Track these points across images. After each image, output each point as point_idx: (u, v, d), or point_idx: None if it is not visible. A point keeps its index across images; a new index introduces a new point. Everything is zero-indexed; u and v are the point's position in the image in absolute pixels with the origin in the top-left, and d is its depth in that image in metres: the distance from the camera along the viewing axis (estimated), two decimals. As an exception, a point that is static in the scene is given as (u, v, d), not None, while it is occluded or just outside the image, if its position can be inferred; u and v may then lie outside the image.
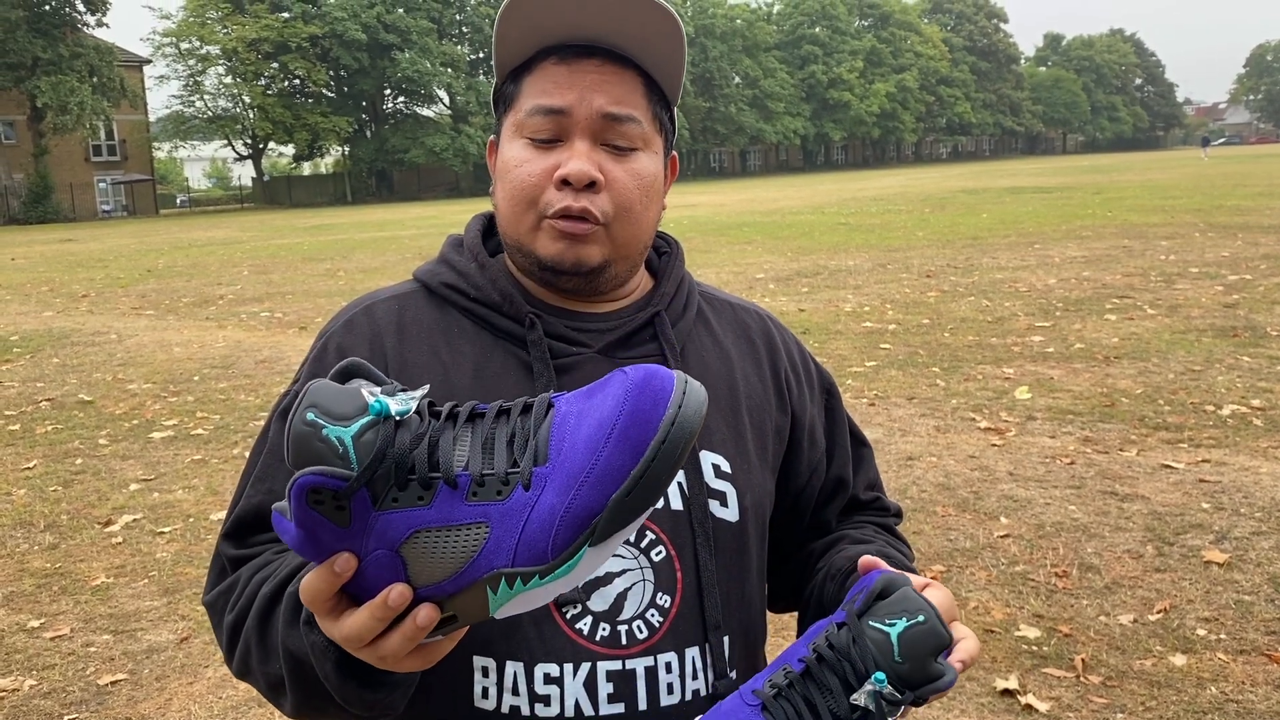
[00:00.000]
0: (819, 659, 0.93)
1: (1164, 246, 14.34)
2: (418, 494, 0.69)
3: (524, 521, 0.68)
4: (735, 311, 1.25)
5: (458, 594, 0.71)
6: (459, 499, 0.69)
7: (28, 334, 11.26)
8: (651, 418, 0.68)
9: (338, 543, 0.70)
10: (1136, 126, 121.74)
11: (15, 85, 46.93)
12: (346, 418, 0.68)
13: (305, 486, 0.67)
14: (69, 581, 4.39)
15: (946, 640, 0.92)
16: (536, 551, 0.68)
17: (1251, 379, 6.82)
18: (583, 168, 1.02)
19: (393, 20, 59.98)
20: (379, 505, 0.69)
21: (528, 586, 0.69)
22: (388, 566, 0.70)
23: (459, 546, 0.69)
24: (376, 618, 0.73)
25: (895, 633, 0.91)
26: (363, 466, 0.67)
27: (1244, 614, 3.62)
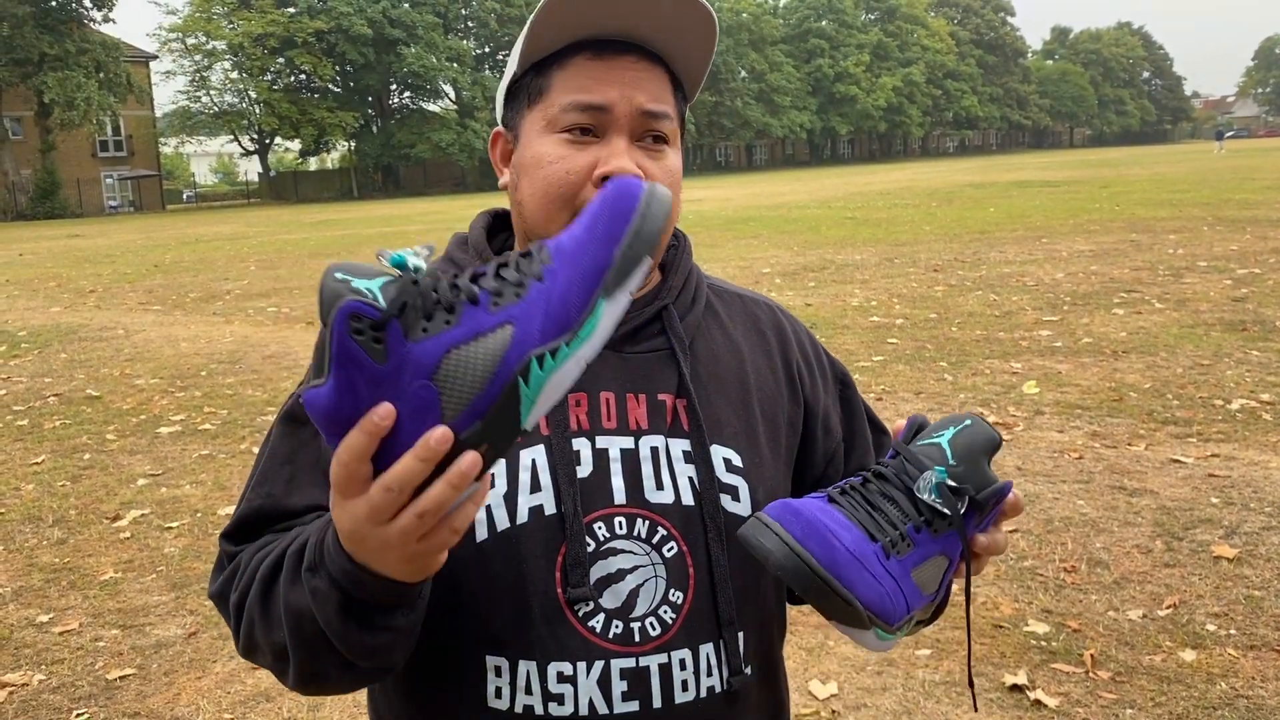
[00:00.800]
0: (878, 475, 0.93)
1: (1172, 240, 14.29)
2: (444, 318, 0.73)
3: (546, 303, 0.74)
4: (745, 304, 1.24)
5: (490, 411, 0.73)
6: (483, 311, 0.74)
7: (35, 329, 11.28)
8: (631, 193, 0.76)
9: (371, 392, 0.72)
10: (1144, 120, 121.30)
11: (22, 81, 47.01)
12: (371, 275, 0.73)
13: (346, 311, 0.71)
14: (77, 576, 4.41)
15: (997, 439, 0.93)
16: (562, 321, 0.74)
17: (1261, 373, 6.79)
18: (626, 165, 1.02)
19: (398, 15, 59.95)
20: (411, 335, 0.72)
21: (558, 360, 0.73)
22: (423, 406, 0.73)
23: (490, 350, 0.73)
24: (421, 458, 0.72)
25: (945, 439, 0.92)
26: (395, 300, 0.72)
27: (1254, 609, 3.60)
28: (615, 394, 1.07)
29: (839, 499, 0.92)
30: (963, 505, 0.90)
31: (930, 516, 0.90)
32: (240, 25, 56.48)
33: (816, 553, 0.87)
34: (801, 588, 0.87)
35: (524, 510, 1.01)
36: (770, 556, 0.88)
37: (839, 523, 0.89)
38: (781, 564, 0.87)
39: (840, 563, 0.87)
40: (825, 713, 3.12)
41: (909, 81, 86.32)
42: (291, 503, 1.05)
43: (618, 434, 1.05)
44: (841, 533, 0.88)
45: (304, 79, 61.47)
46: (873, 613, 0.88)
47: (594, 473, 1.04)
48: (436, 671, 1.04)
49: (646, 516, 1.04)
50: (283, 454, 1.08)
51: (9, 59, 46.08)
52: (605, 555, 1.02)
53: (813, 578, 0.87)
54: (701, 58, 1.08)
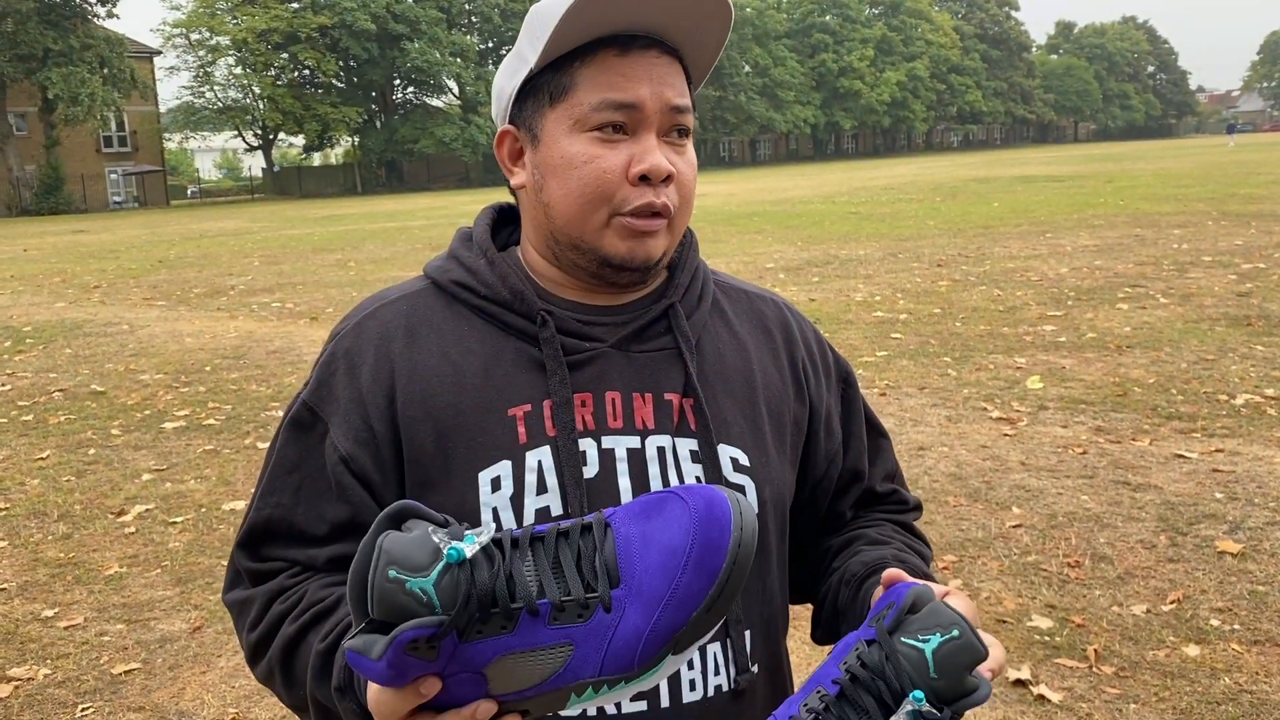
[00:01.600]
0: (853, 679, 0.92)
1: (1176, 235, 14.26)
2: (501, 624, 0.75)
3: (609, 640, 0.75)
4: (752, 301, 1.23)
5: (536, 698, 0.77)
6: (541, 624, 0.75)
7: (40, 325, 11.30)
8: (719, 545, 0.76)
9: (423, 670, 0.75)
10: (1149, 115, 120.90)
11: (26, 77, 47.03)
12: (424, 568, 0.73)
13: (404, 641, 0.72)
14: (82, 571, 4.42)
15: (982, 654, 0.91)
16: (622, 663, 0.76)
17: (1265, 368, 6.78)
18: (662, 163, 1.01)
19: (402, 10, 59.88)
20: (465, 638, 0.75)
21: (613, 690, 0.77)
22: (470, 683, 0.76)
23: (544, 664, 0.76)
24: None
25: (930, 649, 0.90)
26: (451, 610, 0.73)
27: (1258, 604, 3.60)
28: (621, 393, 1.06)
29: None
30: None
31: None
32: (244, 20, 56.42)
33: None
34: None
35: (530, 512, 1.01)
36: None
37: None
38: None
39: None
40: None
41: (913, 76, 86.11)
42: (300, 517, 1.06)
43: (624, 434, 1.05)
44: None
45: (308, 74, 61.41)
46: None
47: (600, 473, 1.03)
48: None
49: None
50: (290, 461, 1.08)
51: (13, 54, 46.09)
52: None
53: None
54: (715, 49, 1.08)
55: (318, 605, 1.00)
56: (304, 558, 1.06)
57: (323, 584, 1.03)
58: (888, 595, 0.97)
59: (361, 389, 1.06)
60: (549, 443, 1.03)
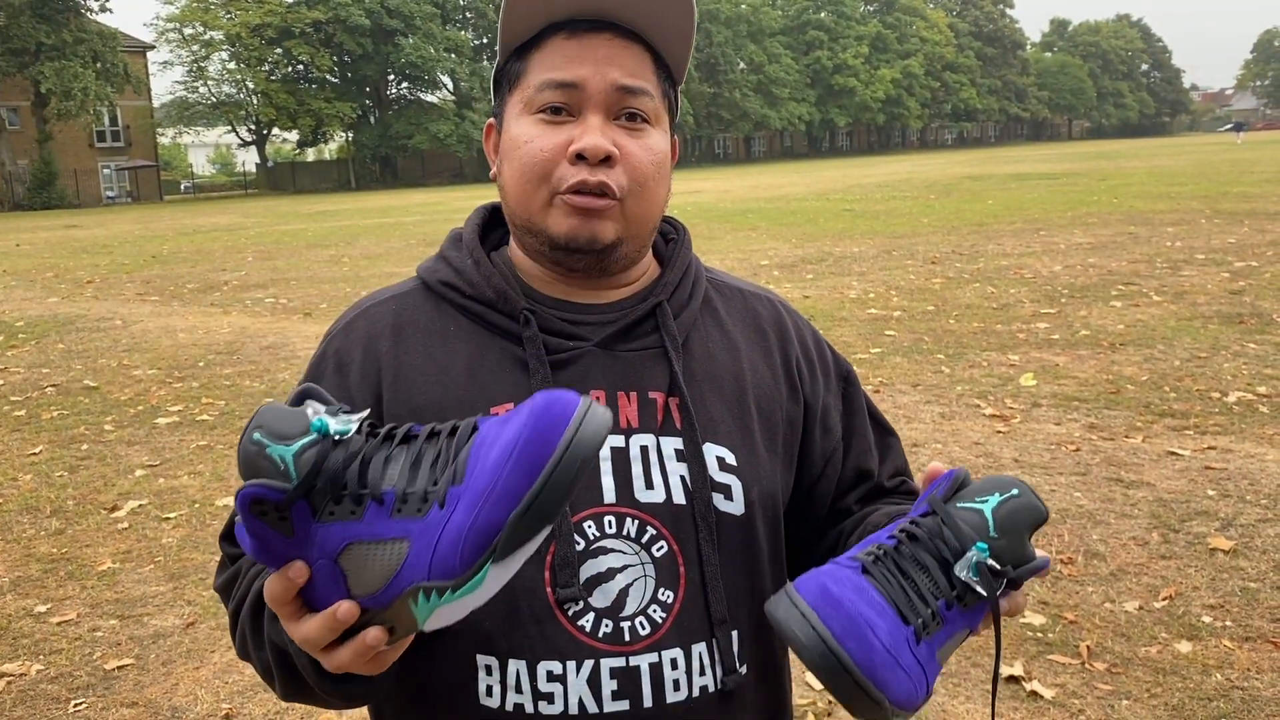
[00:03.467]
0: (911, 537, 0.88)
1: (1170, 233, 14.29)
2: (350, 508, 0.74)
3: (438, 538, 0.73)
4: (746, 299, 1.22)
5: (390, 605, 0.76)
6: (385, 514, 0.74)
7: (33, 320, 11.27)
8: (550, 439, 0.71)
9: (288, 551, 0.76)
10: (1143, 113, 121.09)
11: (19, 71, 46.88)
12: (289, 437, 0.74)
13: (248, 497, 0.73)
14: (75, 567, 4.41)
15: (1044, 514, 0.88)
16: (448, 566, 0.72)
17: (1258, 365, 6.80)
18: (598, 141, 1.01)
19: (396, 5, 59.78)
20: (318, 517, 0.74)
21: (443, 600, 0.73)
22: (331, 576, 0.76)
23: (385, 560, 0.74)
24: (328, 628, 0.77)
25: (989, 508, 0.87)
26: (299, 479, 0.73)
27: (1250, 601, 3.61)
28: (606, 392, 1.06)
29: (872, 569, 0.86)
30: (1000, 587, 0.86)
31: (963, 592, 0.86)
32: (237, 15, 56.30)
33: (854, 653, 0.82)
34: (834, 687, 0.83)
35: None
36: (804, 652, 0.83)
37: (875, 606, 0.84)
38: (816, 662, 0.82)
39: (877, 664, 0.82)
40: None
41: (907, 73, 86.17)
42: None
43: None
44: (877, 621, 0.84)
45: (302, 69, 61.33)
46: (899, 707, 0.84)
47: None
48: (430, 669, 1.05)
49: (636, 516, 1.02)
50: None
51: (5, 49, 45.94)
52: (595, 554, 1.01)
53: (847, 680, 0.82)
54: (681, 34, 1.07)
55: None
56: None
57: None
58: (933, 485, 0.93)
59: (350, 387, 1.07)
60: None
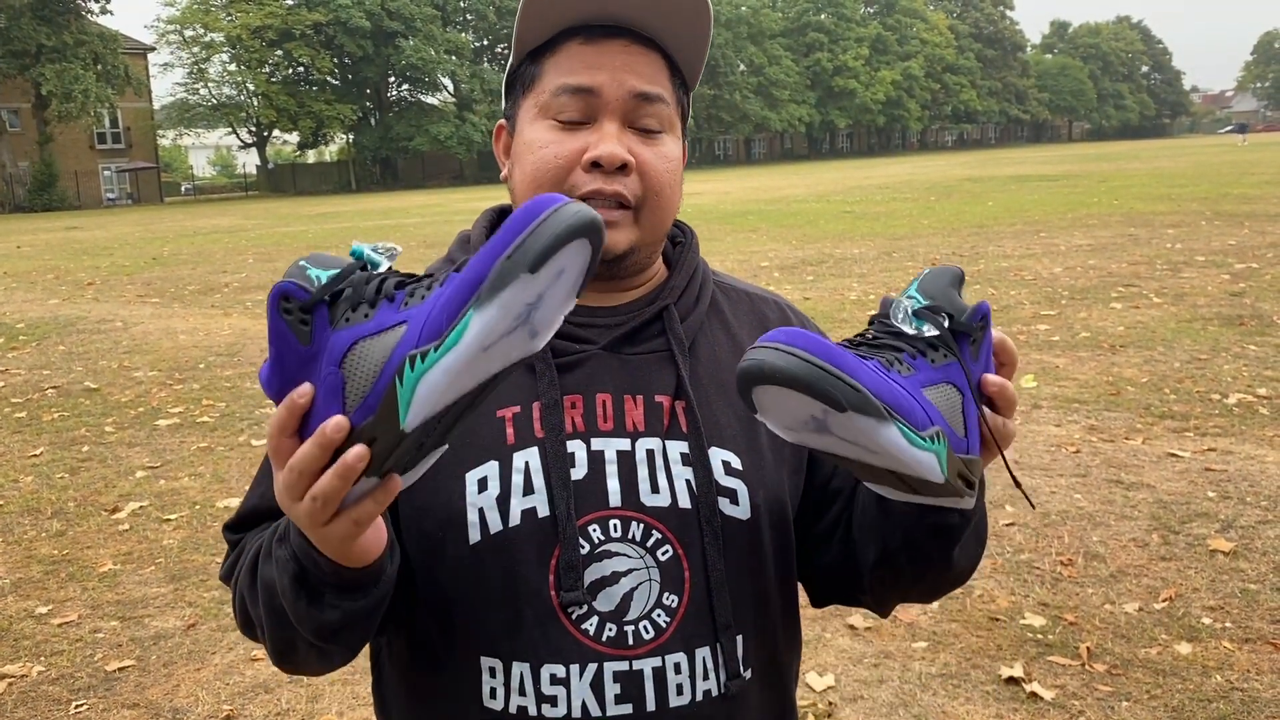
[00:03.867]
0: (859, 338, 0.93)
1: (1170, 235, 14.29)
2: (365, 312, 0.77)
3: (432, 307, 0.75)
4: (753, 302, 1.22)
5: (378, 406, 0.75)
6: (394, 309, 0.77)
7: (34, 321, 11.28)
8: (539, 206, 0.74)
9: (299, 369, 0.77)
10: (1143, 114, 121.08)
11: (20, 73, 46.86)
12: (330, 266, 0.78)
13: (279, 292, 0.76)
14: (76, 568, 4.41)
15: (959, 272, 0.93)
16: (435, 326, 0.74)
17: (1258, 367, 6.81)
18: (615, 149, 1.01)
19: (396, 7, 59.77)
20: (335, 324, 0.77)
21: (426, 364, 0.74)
22: (333, 391, 0.76)
23: (383, 346, 0.76)
24: (319, 445, 0.75)
25: (912, 289, 0.93)
26: (330, 286, 0.77)
27: (1249, 603, 3.62)
28: (612, 395, 1.06)
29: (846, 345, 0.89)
30: (945, 322, 0.89)
31: (922, 347, 0.88)
32: (238, 17, 56.30)
33: (814, 350, 0.81)
34: (797, 379, 0.80)
35: (516, 513, 1.01)
36: (763, 362, 0.81)
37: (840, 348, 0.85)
38: (774, 364, 0.81)
39: (838, 356, 0.82)
40: (822, 704, 3.13)
41: (908, 75, 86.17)
42: None
43: (614, 436, 1.04)
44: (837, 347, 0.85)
45: (302, 71, 61.32)
46: (885, 402, 0.82)
47: (588, 475, 1.03)
48: (434, 670, 1.05)
49: (641, 519, 1.02)
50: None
51: (6, 50, 45.94)
52: (599, 558, 1.01)
53: (810, 367, 0.80)
54: (697, 41, 1.07)
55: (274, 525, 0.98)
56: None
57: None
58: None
59: None
60: (537, 444, 1.03)
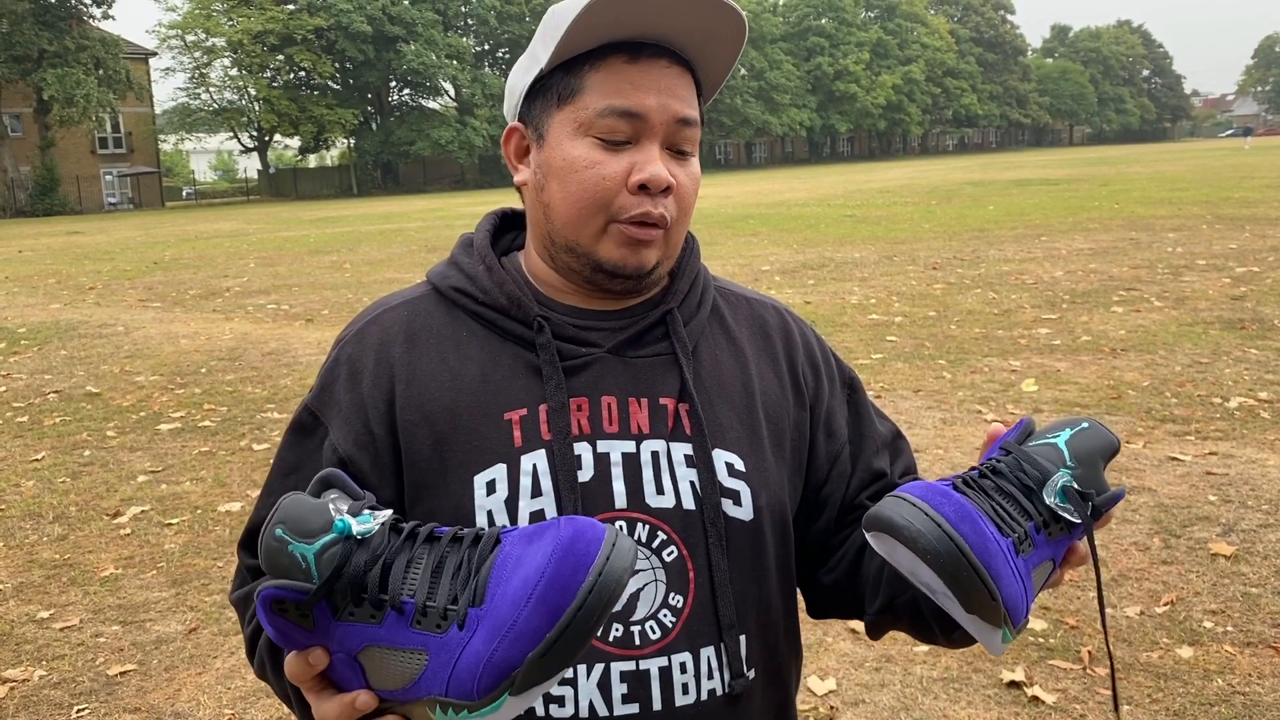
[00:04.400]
0: (994, 471, 0.88)
1: (1171, 239, 14.29)
2: (370, 612, 0.76)
3: (455, 660, 0.75)
4: (752, 307, 1.23)
5: (409, 704, 0.78)
6: (405, 624, 0.76)
7: (35, 326, 11.29)
8: (571, 584, 0.72)
9: (309, 641, 0.78)
10: (1144, 118, 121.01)
11: (21, 78, 46.91)
12: (312, 535, 0.75)
13: (268, 598, 0.75)
14: (78, 572, 4.41)
15: (1115, 444, 0.89)
16: (465, 689, 0.75)
17: (1259, 371, 6.80)
18: (663, 174, 1.02)
19: (398, 12, 59.85)
20: (338, 616, 0.76)
21: (459, 716, 0.76)
22: (350, 668, 0.79)
23: (403, 667, 0.76)
24: (346, 715, 0.80)
25: (1063, 440, 0.88)
26: (320, 582, 0.74)
27: (1251, 606, 3.62)
28: (617, 398, 1.07)
29: (963, 489, 0.87)
30: (1088, 511, 0.87)
31: (1049, 519, 0.86)
32: (240, 22, 56.38)
33: (970, 539, 0.82)
34: (951, 573, 0.82)
35: (525, 515, 1.02)
36: (921, 538, 0.82)
37: (976, 511, 0.85)
38: (934, 547, 0.82)
39: (991, 552, 0.82)
40: (824, 709, 3.13)
41: (908, 79, 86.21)
42: None
43: (619, 438, 1.06)
44: (983, 518, 0.84)
45: (303, 76, 61.35)
46: (1009, 611, 0.84)
47: (595, 477, 1.04)
48: None
49: (646, 521, 1.04)
50: (289, 463, 1.10)
51: (8, 55, 45.99)
52: None
53: (965, 565, 0.82)
54: (727, 64, 1.09)
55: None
56: None
57: None
58: (1000, 439, 0.93)
59: (362, 393, 1.08)
60: (544, 446, 1.04)
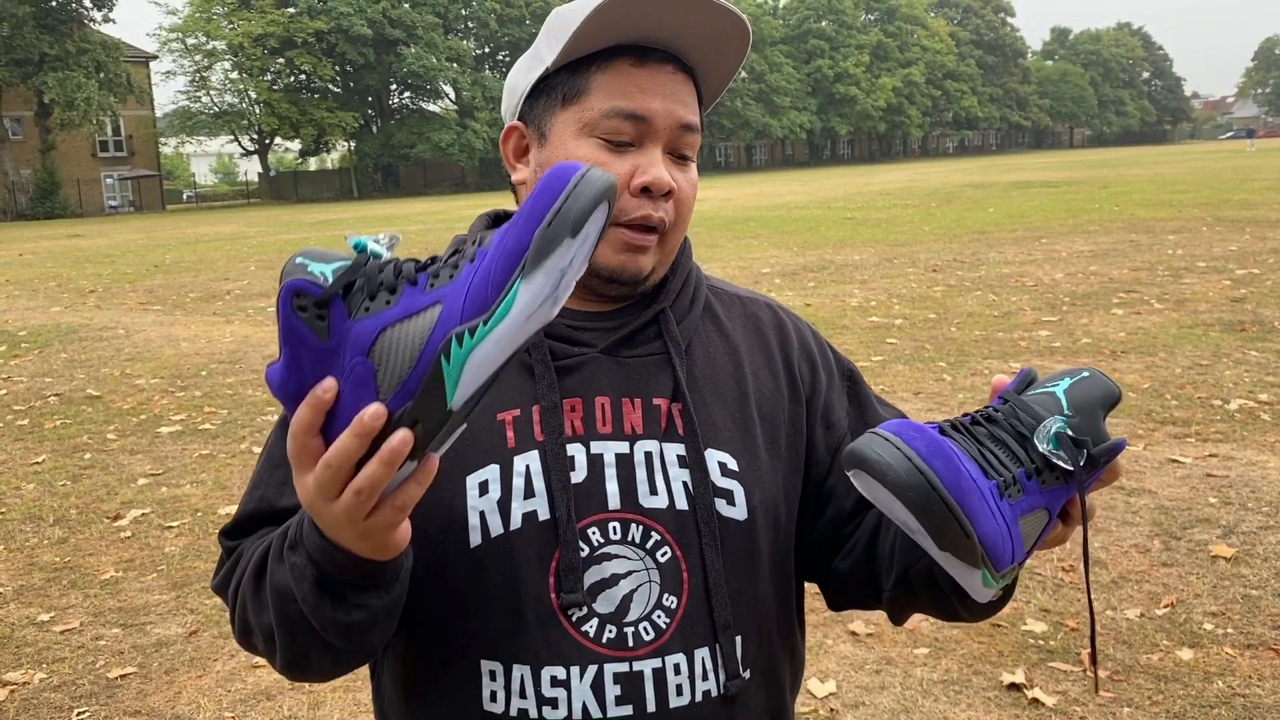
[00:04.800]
0: (987, 419, 0.86)
1: (1171, 241, 14.30)
2: (386, 298, 0.75)
3: (469, 283, 0.75)
4: (745, 305, 1.23)
5: (419, 389, 0.74)
6: (419, 291, 0.76)
7: (36, 329, 11.29)
8: (564, 174, 0.75)
9: (316, 367, 0.76)
10: (1144, 121, 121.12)
11: (22, 81, 46.99)
12: (330, 259, 0.77)
13: (290, 289, 0.74)
14: (78, 575, 4.42)
15: (1116, 392, 0.87)
16: (480, 299, 0.74)
17: (1259, 373, 6.80)
18: (666, 177, 1.02)
19: (398, 15, 59.91)
20: (353, 315, 0.75)
21: (476, 339, 0.73)
22: (361, 380, 0.75)
23: (418, 329, 0.74)
24: (357, 436, 0.74)
25: (1061, 388, 0.86)
26: (345, 269, 0.75)
27: (1251, 608, 3.61)
28: (611, 399, 1.07)
29: (950, 432, 0.85)
30: (1082, 459, 0.84)
31: (1041, 466, 0.84)
32: (240, 25, 56.44)
33: (941, 473, 0.80)
34: (922, 506, 0.80)
35: (517, 516, 1.01)
36: (889, 471, 0.80)
37: (957, 452, 0.83)
38: (902, 479, 0.80)
39: (965, 489, 0.80)
40: (824, 711, 3.13)
41: (909, 82, 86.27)
42: (284, 504, 1.06)
43: (613, 439, 1.05)
44: (965, 460, 0.82)
45: (304, 79, 61.43)
46: (986, 550, 0.82)
47: (588, 478, 1.03)
48: (434, 674, 1.05)
49: (640, 521, 1.03)
50: (277, 457, 1.10)
51: (9, 59, 46.06)
52: (599, 560, 1.02)
53: (935, 498, 0.80)
54: (729, 73, 1.09)
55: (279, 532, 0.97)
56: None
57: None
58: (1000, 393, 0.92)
59: None
60: (537, 447, 1.03)
